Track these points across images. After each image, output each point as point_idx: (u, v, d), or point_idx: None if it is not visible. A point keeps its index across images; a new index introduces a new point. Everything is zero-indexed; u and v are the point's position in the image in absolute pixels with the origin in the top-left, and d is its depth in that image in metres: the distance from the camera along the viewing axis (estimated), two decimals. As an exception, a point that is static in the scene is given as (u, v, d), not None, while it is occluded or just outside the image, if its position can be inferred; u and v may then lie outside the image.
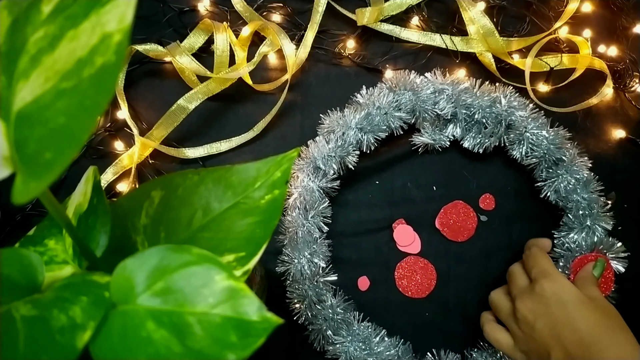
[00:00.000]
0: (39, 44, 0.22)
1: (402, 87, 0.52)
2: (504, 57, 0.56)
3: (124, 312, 0.25)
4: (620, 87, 0.57)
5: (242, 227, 0.30)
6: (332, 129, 0.52)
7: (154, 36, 0.57)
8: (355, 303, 0.53)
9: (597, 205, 0.51)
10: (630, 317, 0.43)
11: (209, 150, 0.56)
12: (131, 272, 0.25)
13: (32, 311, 0.24)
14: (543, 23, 0.58)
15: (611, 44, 0.58)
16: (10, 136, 0.21)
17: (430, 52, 0.58)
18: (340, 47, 0.58)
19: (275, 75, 0.58)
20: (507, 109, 0.51)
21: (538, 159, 0.52)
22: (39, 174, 0.19)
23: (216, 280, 0.24)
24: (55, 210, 0.25)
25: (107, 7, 0.20)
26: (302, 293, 0.50)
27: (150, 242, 0.31)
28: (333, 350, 0.50)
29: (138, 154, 0.54)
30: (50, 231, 0.33)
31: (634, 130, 0.57)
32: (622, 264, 0.49)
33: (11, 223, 0.54)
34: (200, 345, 0.23)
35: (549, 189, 0.52)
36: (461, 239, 0.55)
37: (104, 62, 0.20)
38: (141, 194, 0.31)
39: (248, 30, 0.55)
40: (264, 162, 0.30)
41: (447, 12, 0.59)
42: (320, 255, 0.50)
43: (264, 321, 0.23)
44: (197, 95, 0.55)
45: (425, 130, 0.54)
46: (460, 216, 0.55)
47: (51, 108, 0.20)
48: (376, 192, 0.56)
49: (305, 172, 0.51)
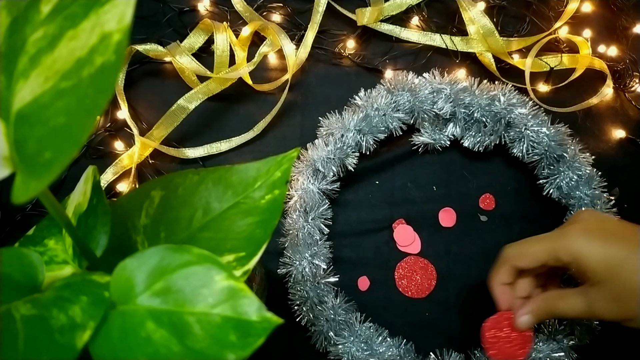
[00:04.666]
0: (38, 43, 0.22)
1: (400, 88, 0.52)
2: (504, 57, 0.56)
3: (123, 312, 0.25)
4: (620, 87, 0.57)
5: (242, 227, 0.30)
6: (330, 131, 0.52)
7: (154, 36, 0.57)
8: (356, 303, 0.53)
9: (600, 202, 0.51)
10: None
11: (209, 150, 0.56)
12: (131, 272, 0.25)
13: (32, 311, 0.24)
14: (543, 23, 0.58)
15: (611, 44, 0.58)
16: (10, 136, 0.21)
17: (430, 52, 0.58)
18: (340, 47, 0.58)
19: (275, 75, 0.58)
20: (507, 106, 0.51)
21: (539, 156, 0.52)
22: (38, 173, 0.19)
23: (216, 280, 0.24)
24: (55, 210, 0.25)
25: (106, 6, 0.20)
26: (303, 295, 0.50)
27: (150, 242, 0.31)
28: (335, 351, 0.50)
29: (138, 154, 0.54)
30: (50, 231, 0.32)
31: (634, 130, 0.57)
32: None
33: (11, 223, 0.54)
34: (200, 345, 0.23)
35: (551, 186, 0.52)
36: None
37: (103, 62, 0.20)
38: (141, 194, 0.31)
39: (248, 30, 0.55)
40: (264, 162, 0.30)
41: (447, 12, 0.59)
42: (321, 256, 0.50)
43: (264, 321, 0.23)
44: (197, 95, 0.55)
45: (425, 130, 0.54)
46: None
47: (51, 108, 0.20)
48: (376, 192, 0.56)
49: (305, 174, 0.51)
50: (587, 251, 0.39)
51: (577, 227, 0.41)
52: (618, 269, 0.38)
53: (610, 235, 0.40)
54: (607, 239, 0.39)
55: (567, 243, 0.40)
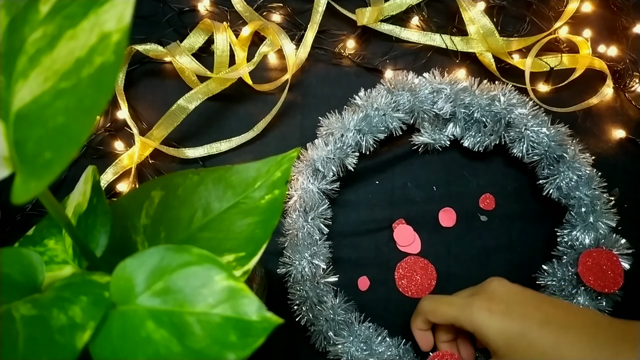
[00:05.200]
0: (38, 43, 0.22)
1: (400, 88, 0.52)
2: (504, 57, 0.56)
3: (123, 312, 0.25)
4: (620, 87, 0.57)
5: (242, 227, 0.30)
6: (330, 131, 0.52)
7: (154, 36, 0.57)
8: (355, 303, 0.53)
9: (600, 202, 0.51)
10: (632, 318, 0.43)
11: (209, 150, 0.56)
12: (131, 272, 0.25)
13: (32, 311, 0.24)
14: (543, 23, 0.58)
15: (611, 44, 0.58)
16: (10, 136, 0.21)
17: (430, 52, 0.58)
18: (340, 47, 0.58)
19: (275, 75, 0.58)
20: (507, 106, 0.51)
21: (539, 156, 0.52)
22: (38, 173, 0.19)
23: (216, 280, 0.24)
24: (54, 210, 0.25)
25: (105, 6, 0.20)
26: (303, 295, 0.50)
27: (150, 242, 0.31)
28: (335, 351, 0.50)
29: (138, 154, 0.54)
30: (50, 231, 0.33)
31: (634, 130, 0.57)
32: (627, 260, 0.49)
33: (11, 223, 0.54)
34: (200, 345, 0.23)
35: (551, 186, 0.52)
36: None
37: (103, 62, 0.20)
38: (141, 194, 0.31)
39: (248, 30, 0.55)
40: (264, 162, 0.30)
41: (447, 12, 0.59)
42: (320, 256, 0.50)
43: (264, 321, 0.23)
44: (197, 95, 0.55)
45: (425, 130, 0.54)
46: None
47: (50, 108, 0.20)
48: (376, 192, 0.56)
49: (304, 174, 0.51)
50: (487, 325, 0.41)
51: (482, 298, 0.43)
52: (516, 344, 0.40)
53: (512, 310, 0.41)
54: (508, 314, 0.41)
55: (469, 314, 0.42)
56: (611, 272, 0.49)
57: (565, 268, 0.50)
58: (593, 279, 0.49)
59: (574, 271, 0.50)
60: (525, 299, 0.43)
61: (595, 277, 0.49)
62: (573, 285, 0.50)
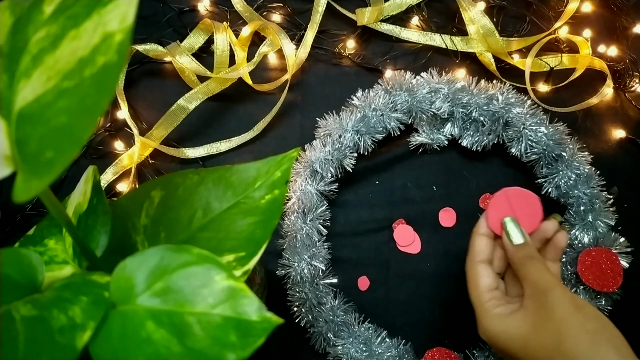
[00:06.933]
0: (41, 43, 0.22)
1: (398, 88, 0.52)
2: (504, 57, 0.56)
3: (123, 312, 0.25)
4: (620, 87, 0.57)
5: (242, 227, 0.30)
6: (328, 132, 0.52)
7: (154, 36, 0.57)
8: (355, 303, 0.53)
9: (598, 201, 0.51)
10: (631, 317, 0.43)
11: (209, 150, 0.56)
12: (131, 272, 0.25)
13: (32, 311, 0.24)
14: (543, 23, 0.58)
15: (611, 44, 0.58)
16: (12, 135, 0.21)
17: (430, 52, 0.58)
18: (340, 47, 0.58)
19: (275, 75, 0.58)
20: (505, 106, 0.51)
21: (538, 155, 0.52)
22: (39, 172, 0.19)
23: (216, 281, 0.24)
24: (55, 209, 0.25)
25: (108, 6, 0.20)
26: (302, 296, 0.50)
27: (150, 242, 0.31)
28: (334, 352, 0.50)
29: (138, 154, 0.54)
30: (50, 231, 0.33)
31: (634, 130, 0.57)
32: (627, 259, 0.50)
33: (11, 223, 0.54)
34: (200, 345, 0.23)
35: (550, 185, 0.52)
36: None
37: (105, 62, 0.20)
38: (141, 194, 0.31)
39: (248, 30, 0.55)
40: (264, 162, 0.30)
41: (447, 12, 0.59)
42: (319, 258, 0.50)
43: (264, 321, 0.23)
44: (197, 95, 0.55)
45: (423, 130, 0.54)
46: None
47: (52, 107, 0.20)
48: (376, 192, 0.56)
49: (303, 175, 0.51)
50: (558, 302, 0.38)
51: (566, 290, 0.39)
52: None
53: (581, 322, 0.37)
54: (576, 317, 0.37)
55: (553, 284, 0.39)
56: (610, 271, 0.49)
57: (565, 267, 0.50)
58: (592, 278, 0.49)
59: (573, 270, 0.50)
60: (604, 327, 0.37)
61: (595, 276, 0.49)
62: (572, 284, 0.50)
